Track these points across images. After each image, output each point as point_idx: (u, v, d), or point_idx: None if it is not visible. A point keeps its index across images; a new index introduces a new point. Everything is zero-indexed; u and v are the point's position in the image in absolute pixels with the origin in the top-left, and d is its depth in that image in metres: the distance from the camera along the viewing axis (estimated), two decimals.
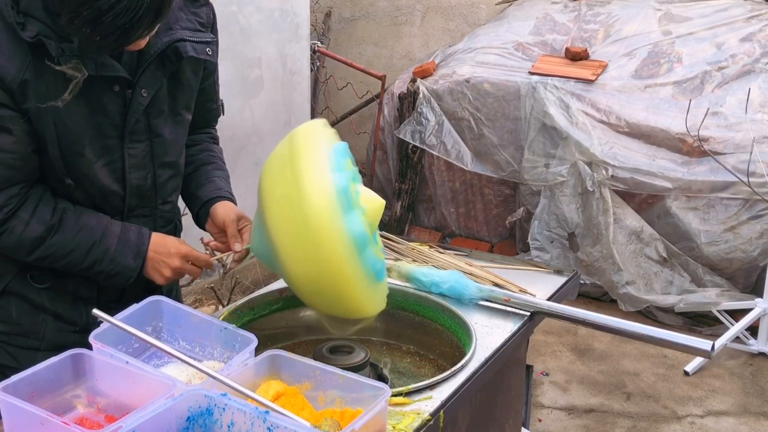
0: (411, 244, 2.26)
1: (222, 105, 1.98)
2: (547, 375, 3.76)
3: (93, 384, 1.35)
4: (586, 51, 4.67)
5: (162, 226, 1.80)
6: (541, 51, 4.87)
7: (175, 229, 1.90)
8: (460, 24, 6.08)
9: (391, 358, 1.88)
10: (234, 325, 1.52)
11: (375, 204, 1.52)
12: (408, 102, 4.96)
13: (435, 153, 4.87)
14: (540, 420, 3.39)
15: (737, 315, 3.93)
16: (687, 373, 3.75)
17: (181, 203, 1.93)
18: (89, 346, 1.37)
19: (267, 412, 1.17)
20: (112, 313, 1.42)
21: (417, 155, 5.00)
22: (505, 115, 4.67)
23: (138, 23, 1.37)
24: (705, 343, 1.69)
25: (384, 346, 1.93)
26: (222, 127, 2.07)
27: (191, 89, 1.76)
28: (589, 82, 4.51)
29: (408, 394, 1.51)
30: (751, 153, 3.92)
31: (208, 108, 1.92)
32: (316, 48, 5.50)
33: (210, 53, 1.72)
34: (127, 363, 1.33)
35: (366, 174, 5.33)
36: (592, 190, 4.30)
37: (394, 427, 1.40)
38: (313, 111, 5.69)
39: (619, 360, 3.90)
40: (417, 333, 1.92)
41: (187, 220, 1.97)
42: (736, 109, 4.16)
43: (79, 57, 1.46)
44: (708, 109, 4.12)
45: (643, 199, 4.29)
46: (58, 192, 1.63)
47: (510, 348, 1.78)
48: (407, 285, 1.97)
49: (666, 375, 3.75)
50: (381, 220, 1.57)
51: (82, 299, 1.73)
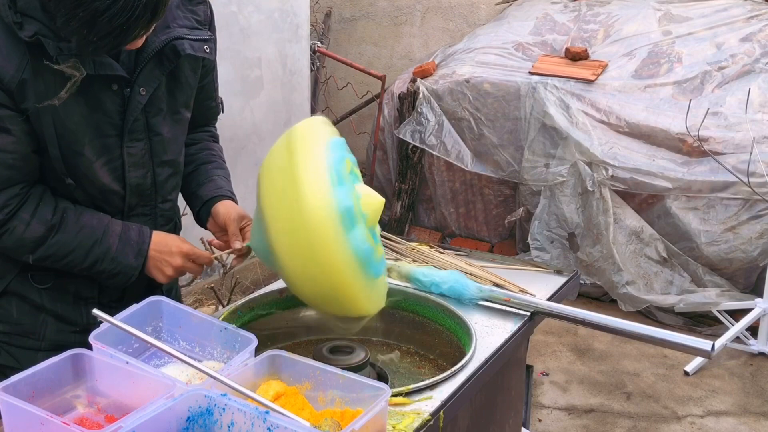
0: (411, 244, 2.26)
1: (221, 103, 1.98)
2: (547, 375, 3.75)
3: (93, 384, 1.35)
4: (586, 51, 4.67)
5: (162, 224, 1.80)
6: (541, 51, 4.87)
7: (175, 228, 1.90)
8: (460, 24, 6.07)
9: (391, 358, 1.88)
10: (234, 325, 1.52)
11: (374, 203, 1.51)
12: (408, 102, 4.96)
13: (435, 153, 4.87)
14: (540, 420, 3.39)
15: (737, 315, 3.93)
16: (687, 373, 3.74)
17: (181, 202, 1.93)
18: (90, 346, 1.37)
19: (267, 412, 1.17)
20: (113, 313, 1.42)
21: (417, 155, 5.00)
22: (505, 115, 4.67)
23: (134, 23, 1.37)
24: (705, 343, 1.69)
25: (384, 346, 1.93)
26: (222, 128, 2.07)
27: (190, 87, 1.76)
28: (589, 82, 4.51)
29: (408, 394, 1.51)
30: (751, 153, 3.91)
31: (207, 106, 1.92)
32: (316, 48, 5.50)
33: (208, 51, 1.72)
34: (127, 363, 1.33)
35: (366, 174, 5.33)
36: (592, 190, 4.30)
37: (394, 427, 1.40)
38: (313, 111, 5.69)
39: (619, 360, 3.90)
40: (417, 333, 1.92)
41: (187, 219, 1.97)
42: (736, 109, 4.16)
43: (77, 56, 1.46)
44: (708, 109, 4.12)
45: (643, 199, 4.29)
46: (58, 192, 1.63)
47: (510, 348, 1.78)
48: (407, 285, 1.97)
49: (666, 375, 3.75)
50: (381, 219, 1.57)
51: (82, 299, 1.73)
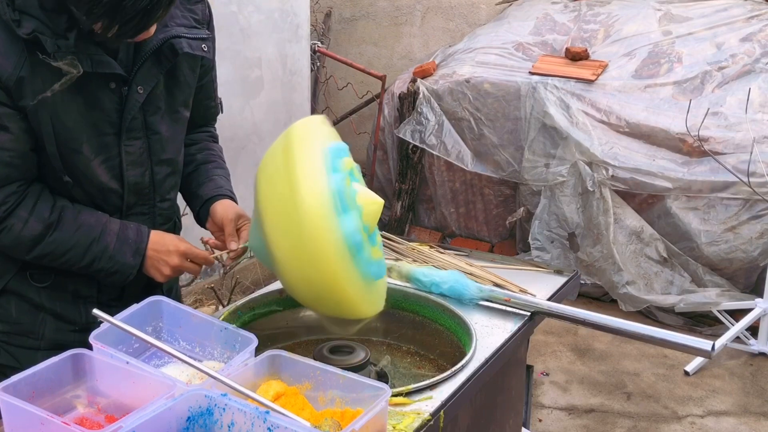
0: (411, 244, 2.26)
1: (221, 103, 1.98)
2: (548, 375, 3.75)
3: (93, 384, 1.35)
4: (586, 51, 4.67)
5: (161, 223, 1.80)
6: (541, 51, 4.87)
7: (174, 228, 1.90)
8: (460, 24, 6.07)
9: (392, 358, 1.88)
10: (234, 325, 1.52)
11: (373, 204, 1.51)
12: (408, 102, 4.96)
13: (435, 153, 4.87)
14: (540, 420, 3.39)
15: (737, 315, 3.93)
16: (687, 373, 3.74)
17: (181, 202, 1.93)
18: (89, 345, 1.37)
19: (267, 412, 1.17)
20: (112, 312, 1.42)
21: (417, 155, 5.00)
22: (506, 115, 4.67)
23: (157, 5, 1.40)
24: (705, 343, 1.68)
25: (384, 346, 1.93)
26: (222, 128, 2.07)
27: (188, 86, 1.76)
28: (589, 82, 4.51)
29: (408, 394, 1.51)
30: (751, 153, 3.91)
31: (206, 106, 1.92)
32: (316, 48, 5.50)
33: (206, 49, 1.72)
34: (127, 363, 1.33)
35: (366, 174, 5.33)
36: (592, 190, 4.30)
37: (394, 427, 1.40)
38: (313, 111, 5.69)
39: (620, 360, 3.90)
40: (417, 333, 1.92)
41: (188, 219, 1.97)
42: (736, 109, 4.16)
43: (75, 53, 1.47)
44: (708, 109, 4.12)
45: (644, 199, 4.29)
46: (56, 190, 1.63)
47: (510, 348, 1.78)
48: (407, 285, 1.97)
49: (666, 375, 3.75)
50: (381, 219, 1.56)
51: (81, 298, 1.72)
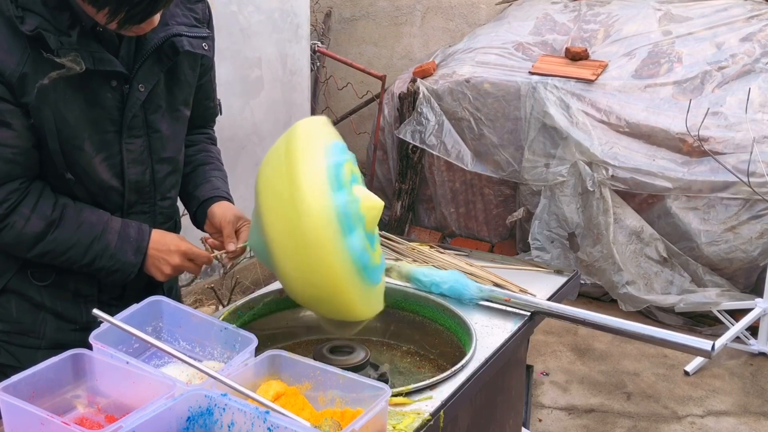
0: (411, 244, 2.26)
1: (219, 105, 1.98)
2: (548, 375, 3.75)
3: (93, 384, 1.35)
4: (586, 51, 4.67)
5: (162, 222, 1.80)
6: (541, 51, 4.87)
7: (175, 227, 1.90)
8: (460, 24, 6.07)
9: (391, 358, 1.88)
10: (234, 325, 1.52)
11: (373, 206, 1.51)
12: (408, 102, 4.96)
13: (435, 153, 4.87)
14: (540, 420, 3.39)
15: (737, 315, 3.93)
16: (687, 373, 3.74)
17: (181, 203, 1.93)
18: (89, 344, 1.37)
19: (267, 412, 1.17)
20: (112, 311, 1.42)
21: (417, 155, 5.00)
22: (505, 115, 4.67)
23: None
24: (705, 343, 1.68)
25: (384, 346, 1.93)
26: (222, 127, 2.07)
27: (189, 85, 1.76)
28: (589, 82, 4.51)
29: (408, 394, 1.51)
30: (751, 153, 3.92)
31: (205, 106, 1.92)
32: (316, 48, 5.50)
33: (206, 48, 1.73)
34: (128, 363, 1.33)
35: (366, 174, 5.33)
36: (592, 190, 4.30)
37: (394, 427, 1.40)
38: (313, 111, 5.69)
39: (620, 360, 3.90)
40: (417, 333, 1.92)
41: (187, 219, 1.97)
42: (736, 109, 4.16)
43: (77, 50, 1.48)
44: (708, 109, 4.12)
45: (643, 199, 4.29)
46: (58, 188, 1.63)
47: (510, 348, 1.78)
48: (407, 285, 1.97)
49: (666, 375, 3.75)
50: (381, 220, 1.56)
51: (82, 297, 1.72)
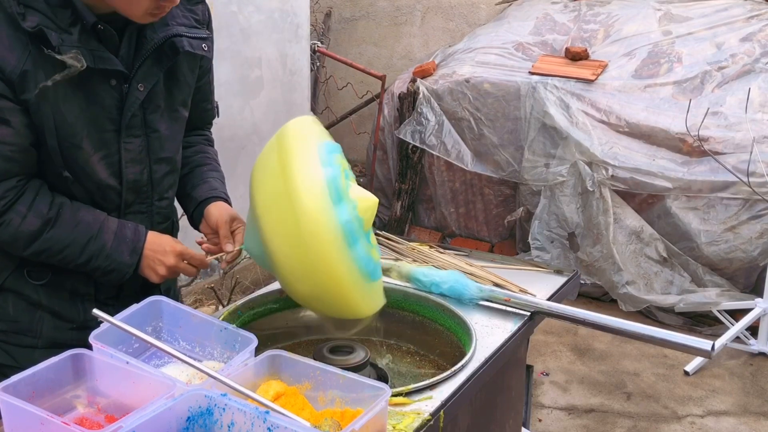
0: (411, 244, 2.26)
1: (217, 107, 1.98)
2: (548, 375, 3.75)
3: (93, 384, 1.35)
4: (586, 51, 4.67)
5: (159, 222, 1.80)
6: (541, 51, 4.87)
7: (173, 228, 1.90)
8: (460, 24, 6.08)
9: (391, 358, 1.88)
10: (234, 325, 1.52)
11: (367, 202, 1.51)
12: (408, 102, 4.96)
13: (435, 153, 4.87)
14: (540, 420, 3.39)
15: (737, 315, 3.93)
16: (687, 373, 3.75)
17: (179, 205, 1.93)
18: (87, 343, 1.37)
19: (267, 412, 1.17)
20: (110, 310, 1.42)
21: (417, 155, 5.00)
22: (505, 115, 4.67)
23: None
24: (705, 343, 1.68)
25: (384, 346, 1.93)
26: (222, 127, 2.07)
27: (188, 86, 1.77)
28: (589, 82, 4.51)
29: (408, 394, 1.51)
30: (751, 153, 3.92)
31: (203, 108, 1.92)
32: (316, 48, 5.50)
33: (206, 49, 1.74)
34: (127, 363, 1.33)
35: (366, 174, 5.33)
36: (592, 190, 4.30)
37: (394, 427, 1.40)
38: (313, 111, 5.69)
39: (620, 360, 3.90)
40: (417, 333, 1.92)
41: (185, 220, 1.97)
42: (736, 109, 4.16)
43: (78, 48, 1.48)
44: (708, 109, 4.12)
45: (643, 199, 4.29)
46: (55, 187, 1.63)
47: (510, 348, 1.78)
48: (407, 285, 1.97)
49: (666, 375, 3.75)
50: (381, 220, 1.57)
51: (79, 296, 1.72)
